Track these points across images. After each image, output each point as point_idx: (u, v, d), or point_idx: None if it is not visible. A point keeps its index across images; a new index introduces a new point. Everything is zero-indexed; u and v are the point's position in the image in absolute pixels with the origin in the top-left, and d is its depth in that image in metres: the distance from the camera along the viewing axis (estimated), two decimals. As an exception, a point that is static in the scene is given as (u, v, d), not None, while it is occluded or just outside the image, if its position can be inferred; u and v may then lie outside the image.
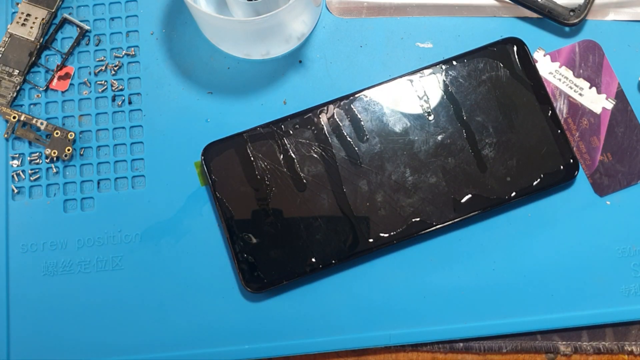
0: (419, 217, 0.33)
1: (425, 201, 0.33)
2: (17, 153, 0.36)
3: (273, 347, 0.33)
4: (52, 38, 0.38)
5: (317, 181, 0.33)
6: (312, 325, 0.33)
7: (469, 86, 0.34)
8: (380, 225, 0.33)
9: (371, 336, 0.33)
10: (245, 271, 0.33)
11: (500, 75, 0.34)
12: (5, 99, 0.37)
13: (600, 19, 0.36)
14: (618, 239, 0.34)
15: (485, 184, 0.33)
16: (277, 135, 0.34)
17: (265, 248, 0.33)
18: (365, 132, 0.34)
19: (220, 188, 0.34)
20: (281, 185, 0.34)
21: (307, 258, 0.33)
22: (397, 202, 0.33)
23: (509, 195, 0.33)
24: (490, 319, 0.33)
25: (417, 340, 0.33)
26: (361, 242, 0.33)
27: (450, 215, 0.33)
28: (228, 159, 0.34)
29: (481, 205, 0.33)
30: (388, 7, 0.37)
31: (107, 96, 0.37)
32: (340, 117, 0.34)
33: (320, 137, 0.34)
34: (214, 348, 0.33)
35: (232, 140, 0.34)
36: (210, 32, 0.36)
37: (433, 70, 0.35)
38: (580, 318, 0.33)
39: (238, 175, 0.34)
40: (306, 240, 0.33)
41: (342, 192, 0.33)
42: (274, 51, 0.36)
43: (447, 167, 0.33)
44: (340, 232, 0.33)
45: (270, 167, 0.34)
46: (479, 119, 0.34)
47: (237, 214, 0.33)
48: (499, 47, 0.35)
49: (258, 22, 0.32)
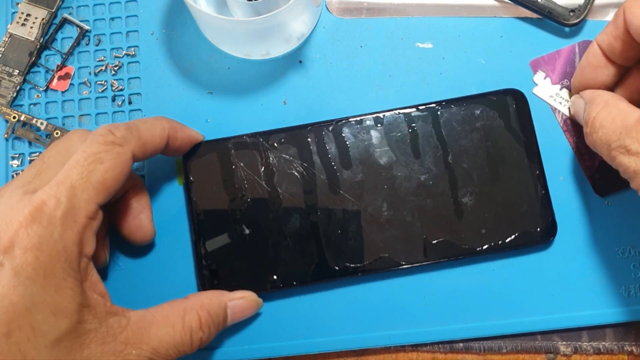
0: (388, 253, 0.32)
1: (397, 238, 0.33)
2: (17, 153, 0.36)
3: (273, 347, 0.33)
4: (52, 38, 0.38)
5: (293, 200, 0.33)
6: (312, 326, 0.33)
7: (462, 131, 0.34)
8: (347, 254, 0.32)
9: (371, 336, 0.33)
10: (205, 277, 0.33)
11: (494, 126, 0.34)
12: (5, 99, 0.37)
13: (600, 20, 0.36)
14: (618, 239, 0.34)
15: (459, 232, 0.32)
16: (262, 147, 0.34)
17: (229, 257, 0.33)
18: (351, 160, 0.33)
19: (195, 190, 0.33)
20: (257, 198, 0.33)
21: (269, 275, 0.32)
22: (369, 234, 0.33)
23: (481, 247, 0.32)
24: (490, 319, 0.33)
25: (417, 340, 0.33)
26: (325, 268, 0.32)
27: (419, 257, 0.32)
28: (209, 162, 0.34)
29: (451, 253, 0.32)
30: (388, 8, 0.37)
31: (107, 96, 0.37)
32: (328, 140, 0.34)
33: (305, 156, 0.33)
34: (214, 348, 0.33)
35: (217, 144, 0.34)
36: (211, 32, 0.36)
37: (429, 108, 0.34)
38: (580, 318, 0.33)
39: (216, 180, 0.33)
40: (272, 257, 0.33)
41: (316, 215, 0.33)
42: (274, 51, 0.36)
43: (425, 208, 0.33)
44: (306, 254, 0.33)
45: (249, 177, 0.33)
46: (465, 165, 0.33)
47: (208, 218, 0.33)
48: (498, 97, 0.34)
49: (258, 22, 0.32)
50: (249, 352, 0.33)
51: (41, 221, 0.25)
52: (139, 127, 0.30)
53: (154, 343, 0.27)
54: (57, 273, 0.25)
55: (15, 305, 0.24)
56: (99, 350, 0.25)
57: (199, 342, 0.29)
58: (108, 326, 0.26)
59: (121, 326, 0.27)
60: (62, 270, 0.25)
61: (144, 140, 0.29)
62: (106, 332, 0.26)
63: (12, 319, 0.23)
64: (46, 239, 0.25)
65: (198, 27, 0.37)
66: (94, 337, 0.25)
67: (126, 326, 0.27)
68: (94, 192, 0.27)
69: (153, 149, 0.30)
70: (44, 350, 0.24)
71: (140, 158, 0.30)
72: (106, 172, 0.27)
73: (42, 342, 0.24)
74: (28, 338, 0.24)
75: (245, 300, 0.32)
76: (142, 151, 0.29)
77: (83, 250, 0.26)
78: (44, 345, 0.24)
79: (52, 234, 0.25)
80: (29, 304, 0.24)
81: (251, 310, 0.32)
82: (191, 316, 0.29)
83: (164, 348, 0.27)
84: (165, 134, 0.31)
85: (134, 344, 0.26)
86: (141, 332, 0.27)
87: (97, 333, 0.26)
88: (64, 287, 0.25)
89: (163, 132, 0.31)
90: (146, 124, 0.30)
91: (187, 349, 0.28)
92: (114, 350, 0.26)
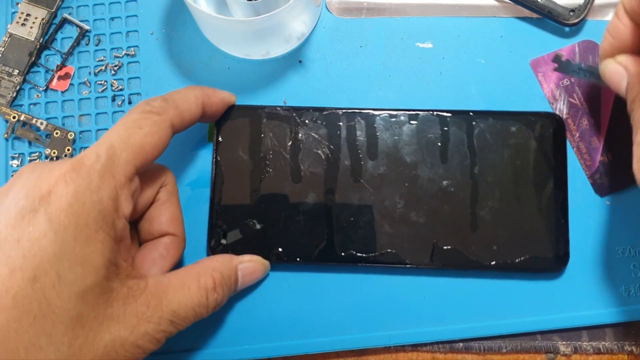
0: (395, 249, 0.32)
1: (407, 237, 0.32)
2: (17, 153, 0.36)
3: (272, 347, 0.33)
4: (52, 38, 0.38)
5: (313, 179, 0.33)
6: (311, 326, 0.33)
7: (494, 145, 0.33)
8: (355, 243, 0.33)
9: (371, 336, 0.33)
10: (214, 234, 0.33)
11: (528, 146, 0.33)
12: (5, 99, 0.37)
13: (600, 19, 0.36)
14: (618, 239, 0.34)
15: (470, 244, 0.32)
16: (293, 122, 0.34)
17: (241, 221, 0.33)
18: (377, 151, 0.33)
19: (222, 150, 0.34)
20: (278, 169, 0.34)
21: (275, 246, 0.33)
22: (380, 227, 0.33)
23: (489, 262, 0.32)
24: (489, 319, 0.33)
25: (417, 340, 0.33)
26: (331, 251, 0.33)
27: (425, 260, 0.32)
28: (240, 126, 0.34)
29: (458, 262, 0.32)
30: (388, 7, 0.37)
31: (107, 96, 0.37)
32: (360, 128, 0.34)
33: (333, 138, 0.34)
34: (213, 348, 0.33)
35: (250, 111, 0.34)
36: (211, 32, 0.36)
37: (465, 116, 0.34)
38: (580, 318, 0.33)
39: (243, 144, 0.34)
40: (281, 229, 0.33)
41: (333, 198, 0.33)
42: (274, 51, 0.36)
43: (440, 212, 0.33)
44: (315, 234, 0.33)
45: (275, 148, 0.34)
46: (490, 179, 0.33)
47: (228, 180, 0.34)
48: (537, 118, 0.34)
49: (258, 22, 0.32)
50: (248, 352, 0.33)
51: (80, 172, 0.25)
52: (174, 97, 0.30)
53: (173, 306, 0.27)
54: (89, 224, 0.25)
55: (44, 250, 0.24)
56: (121, 311, 0.25)
57: (214, 303, 0.29)
58: (128, 287, 0.26)
59: (140, 289, 0.27)
60: (95, 223, 0.25)
61: (181, 110, 0.30)
62: (127, 293, 0.26)
63: (39, 264, 0.24)
64: (82, 189, 0.25)
65: (198, 27, 0.37)
66: (116, 296, 0.26)
67: (145, 289, 0.27)
68: (132, 155, 0.27)
69: (191, 118, 0.31)
70: (68, 300, 0.24)
71: (179, 127, 0.30)
72: (145, 137, 0.28)
73: (66, 291, 0.24)
74: (53, 285, 0.24)
75: (253, 263, 0.32)
76: (180, 120, 0.30)
77: (119, 209, 0.27)
78: (69, 295, 0.24)
79: (89, 184, 0.25)
80: (58, 251, 0.24)
81: (259, 273, 0.33)
82: (205, 278, 0.29)
83: (183, 310, 0.28)
84: (200, 101, 0.31)
85: (155, 307, 0.27)
86: (160, 295, 0.27)
87: (119, 293, 0.26)
88: (94, 240, 0.25)
89: (197, 100, 0.31)
90: (180, 94, 0.31)
91: (204, 311, 0.29)
92: (136, 311, 0.26)
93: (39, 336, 0.23)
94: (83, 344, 0.24)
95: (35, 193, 0.25)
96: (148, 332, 0.26)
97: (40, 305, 0.23)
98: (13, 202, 0.25)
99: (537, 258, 0.32)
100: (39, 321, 0.23)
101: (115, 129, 0.28)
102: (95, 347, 0.24)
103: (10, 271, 0.23)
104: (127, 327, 0.25)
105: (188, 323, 0.28)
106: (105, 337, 0.25)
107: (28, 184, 0.25)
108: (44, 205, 0.24)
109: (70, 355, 0.24)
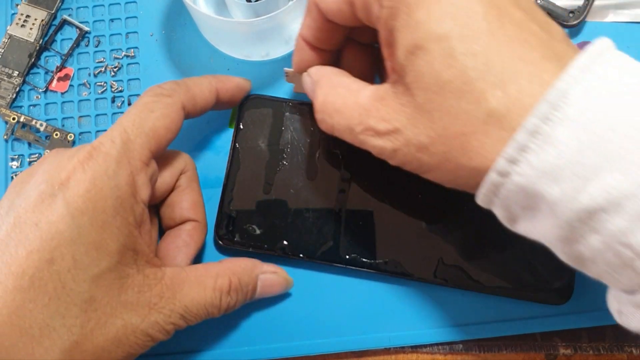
0: (400, 259, 0.32)
1: (413, 249, 0.32)
2: (17, 154, 0.36)
3: (272, 349, 0.33)
4: (52, 39, 0.38)
5: (328, 179, 0.33)
6: (311, 327, 0.33)
7: None
8: (361, 247, 0.32)
9: (371, 338, 0.33)
10: (222, 221, 0.33)
11: None
12: (4, 100, 0.37)
13: (599, 21, 0.36)
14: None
15: (476, 264, 0.32)
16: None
17: (250, 210, 0.33)
18: None
19: (241, 138, 0.34)
20: (295, 165, 0.33)
21: (281, 239, 0.33)
22: (388, 235, 0.33)
23: (492, 285, 0.32)
24: (490, 320, 0.33)
25: (417, 342, 0.33)
26: (336, 252, 0.33)
27: (429, 275, 0.32)
28: (262, 116, 0.34)
29: (460, 281, 0.32)
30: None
31: (106, 97, 0.37)
32: None
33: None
34: (213, 349, 0.33)
35: (275, 102, 0.34)
36: (210, 33, 0.36)
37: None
38: (580, 319, 0.33)
39: (263, 134, 0.34)
40: (289, 223, 0.33)
41: (345, 201, 0.33)
42: (274, 52, 0.36)
43: (451, 229, 0.32)
44: (322, 233, 0.33)
45: (294, 143, 0.34)
46: None
47: (244, 168, 0.34)
48: None
49: (257, 24, 0.32)
50: (248, 353, 0.33)
51: (97, 158, 0.26)
52: (186, 81, 0.31)
53: (186, 301, 0.27)
54: (106, 209, 0.25)
55: (61, 233, 0.24)
56: (135, 298, 0.26)
57: (226, 306, 0.29)
58: (145, 275, 0.26)
59: (157, 278, 0.27)
60: (112, 208, 0.25)
61: (193, 93, 0.30)
62: (142, 281, 0.26)
63: (56, 247, 0.24)
64: (100, 174, 0.25)
65: (198, 29, 0.37)
66: (131, 282, 0.26)
67: (161, 279, 0.27)
68: (146, 139, 0.28)
69: (204, 103, 0.31)
70: (82, 284, 0.24)
71: (192, 111, 0.30)
72: (157, 120, 0.28)
73: (82, 275, 0.24)
74: (69, 269, 0.24)
75: (276, 276, 0.32)
76: (192, 104, 0.30)
77: (137, 194, 0.27)
78: (84, 278, 0.24)
79: (106, 170, 0.26)
80: (75, 235, 0.24)
81: (280, 288, 0.32)
82: (223, 280, 0.29)
83: (195, 307, 0.28)
84: (214, 87, 0.32)
85: (168, 299, 0.27)
86: (174, 289, 0.27)
87: (135, 280, 0.26)
88: (111, 225, 0.25)
89: (211, 86, 0.31)
90: (193, 79, 0.31)
91: (215, 312, 0.29)
92: (149, 301, 0.26)
93: (53, 317, 0.24)
94: (95, 327, 0.25)
95: (55, 179, 0.25)
96: (158, 322, 0.26)
97: (56, 287, 0.24)
98: (33, 187, 0.26)
99: (541, 288, 0.32)
100: (53, 302, 0.24)
101: (128, 113, 0.28)
102: (106, 331, 0.25)
103: (27, 253, 0.24)
104: (139, 314, 0.26)
105: (198, 319, 0.28)
106: (117, 323, 0.25)
107: (49, 170, 0.26)
108: (62, 190, 0.25)
109: (82, 338, 0.24)
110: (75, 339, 0.24)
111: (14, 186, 0.27)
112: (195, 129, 0.36)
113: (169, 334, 0.27)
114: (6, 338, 0.23)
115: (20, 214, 0.25)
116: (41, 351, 0.24)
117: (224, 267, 0.30)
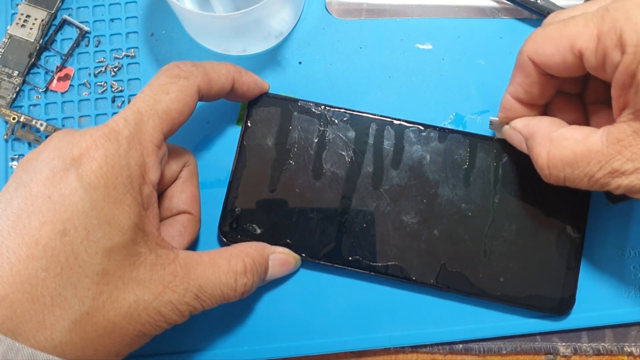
0: (402, 263, 0.32)
1: (416, 253, 0.32)
2: (17, 154, 0.36)
3: (272, 349, 0.33)
4: (52, 39, 0.38)
5: (333, 180, 0.33)
6: (311, 327, 0.33)
7: (520, 178, 0.33)
8: (364, 249, 0.33)
9: (371, 338, 0.33)
10: (226, 218, 0.33)
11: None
12: (5, 100, 0.37)
13: (600, 21, 0.36)
14: (618, 240, 0.34)
15: (478, 271, 0.32)
16: (323, 119, 0.34)
17: (255, 208, 0.33)
18: (401, 163, 0.33)
19: (248, 135, 0.34)
20: (301, 164, 0.34)
21: (283, 237, 0.33)
22: (391, 239, 0.33)
23: (494, 292, 0.32)
24: (489, 320, 0.33)
25: (417, 342, 0.33)
26: (338, 253, 0.33)
27: (430, 279, 0.32)
28: (270, 114, 0.34)
29: (462, 287, 0.32)
30: (388, 9, 0.37)
31: (106, 97, 0.37)
32: (388, 136, 0.34)
33: (360, 143, 0.34)
34: (213, 349, 0.33)
35: (283, 101, 0.34)
36: (190, 27, 0.36)
37: (495, 143, 0.33)
38: (580, 319, 0.33)
39: (271, 133, 0.34)
40: (293, 222, 0.33)
41: (349, 202, 0.33)
42: (251, 49, 0.36)
43: (454, 235, 0.32)
44: (325, 234, 0.33)
45: (301, 143, 0.34)
46: (510, 211, 0.33)
47: (250, 165, 0.34)
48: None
49: (233, 19, 0.32)
50: (247, 353, 0.33)
51: (109, 137, 0.26)
52: (205, 65, 0.31)
53: (201, 280, 0.27)
54: (117, 187, 0.26)
55: (74, 206, 0.25)
56: (147, 276, 0.26)
57: (242, 287, 0.29)
58: (158, 255, 0.27)
59: (169, 259, 0.27)
60: (122, 186, 0.26)
61: (210, 77, 0.30)
62: (155, 260, 0.26)
63: (69, 219, 0.24)
64: (111, 153, 0.26)
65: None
66: (143, 260, 0.26)
67: (174, 260, 0.27)
68: (159, 121, 0.28)
69: (219, 88, 0.31)
70: (95, 256, 0.25)
71: (207, 95, 0.31)
72: (172, 102, 0.28)
73: (94, 247, 0.25)
74: (81, 240, 0.24)
75: (285, 255, 0.32)
76: (207, 88, 0.30)
77: (146, 175, 0.27)
78: (96, 251, 0.25)
79: (118, 149, 0.26)
80: (88, 208, 0.25)
81: (290, 266, 0.33)
82: (237, 261, 0.29)
83: (210, 287, 0.28)
84: (231, 75, 0.32)
85: (182, 278, 0.27)
86: (188, 269, 0.27)
87: (147, 258, 0.26)
88: (122, 202, 0.26)
89: (228, 73, 0.32)
90: (211, 64, 0.31)
91: (231, 294, 0.29)
92: (163, 279, 0.26)
93: (65, 287, 0.24)
94: (107, 300, 0.25)
95: (67, 155, 0.26)
96: (172, 301, 0.26)
97: (68, 257, 0.24)
98: (45, 162, 0.26)
99: (543, 298, 0.32)
100: (65, 272, 0.24)
101: (143, 93, 0.28)
102: (118, 305, 0.25)
103: (40, 224, 0.24)
104: (152, 292, 0.26)
105: (214, 302, 0.28)
106: (129, 297, 0.25)
107: (60, 147, 0.26)
108: (75, 165, 0.25)
109: (93, 309, 0.25)
110: (87, 310, 0.24)
111: (21, 165, 0.27)
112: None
113: (182, 316, 0.27)
114: (18, 305, 0.23)
115: (32, 188, 0.25)
116: (52, 319, 0.24)
117: (236, 250, 0.30)
